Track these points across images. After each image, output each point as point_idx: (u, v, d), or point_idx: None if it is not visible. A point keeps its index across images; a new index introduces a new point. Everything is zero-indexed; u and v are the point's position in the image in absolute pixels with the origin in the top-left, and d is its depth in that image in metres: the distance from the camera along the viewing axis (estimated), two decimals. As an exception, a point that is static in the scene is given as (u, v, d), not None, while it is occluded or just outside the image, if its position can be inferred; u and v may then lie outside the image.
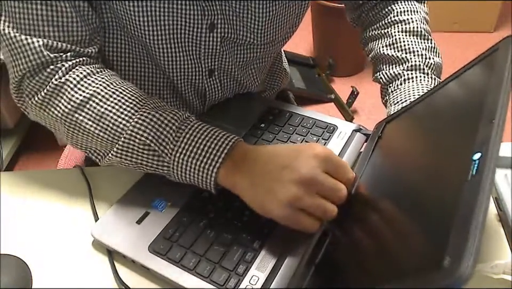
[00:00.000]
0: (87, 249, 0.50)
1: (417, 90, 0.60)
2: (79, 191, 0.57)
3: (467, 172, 0.32)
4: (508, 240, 0.51)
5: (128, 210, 0.52)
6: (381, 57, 0.66)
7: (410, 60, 0.62)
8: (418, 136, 0.48)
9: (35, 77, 0.51)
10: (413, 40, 0.64)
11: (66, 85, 0.50)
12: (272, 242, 0.48)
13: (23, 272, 0.46)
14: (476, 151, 0.33)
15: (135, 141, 0.49)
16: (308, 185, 0.43)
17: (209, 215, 0.51)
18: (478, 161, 0.32)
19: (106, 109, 0.50)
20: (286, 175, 0.44)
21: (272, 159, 0.46)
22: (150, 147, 0.49)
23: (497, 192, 0.53)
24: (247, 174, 0.46)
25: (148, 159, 0.50)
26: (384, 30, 0.67)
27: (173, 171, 0.50)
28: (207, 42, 0.58)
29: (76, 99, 0.50)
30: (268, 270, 0.45)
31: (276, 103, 0.69)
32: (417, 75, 0.61)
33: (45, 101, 0.51)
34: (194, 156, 0.48)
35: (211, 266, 0.45)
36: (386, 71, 0.64)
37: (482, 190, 0.29)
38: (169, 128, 0.49)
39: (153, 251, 0.47)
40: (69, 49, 0.52)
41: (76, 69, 0.51)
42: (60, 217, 0.54)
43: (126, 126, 0.49)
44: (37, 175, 0.60)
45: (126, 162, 0.51)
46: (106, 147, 0.51)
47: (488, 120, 0.35)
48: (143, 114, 0.49)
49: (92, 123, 0.50)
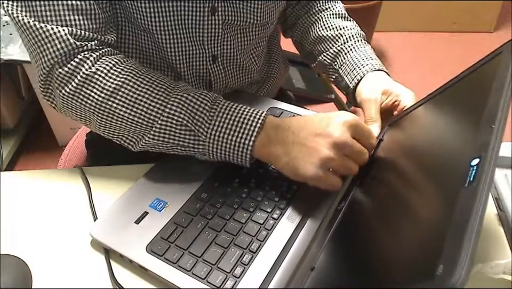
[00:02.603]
0: (86, 248, 0.50)
1: (361, 56, 0.68)
2: (79, 191, 0.57)
3: (464, 178, 0.31)
4: (508, 240, 0.51)
5: (126, 210, 0.52)
6: (319, 39, 0.73)
7: (344, 34, 0.71)
8: (418, 140, 0.48)
9: (64, 68, 0.51)
10: (340, 20, 0.74)
11: (97, 74, 0.52)
12: (269, 245, 0.48)
13: (23, 272, 0.46)
14: (474, 156, 0.33)
15: (172, 123, 0.51)
16: (339, 149, 0.48)
17: (207, 216, 0.51)
18: (476, 167, 0.31)
19: (139, 95, 0.51)
20: (320, 140, 0.48)
21: (304, 127, 0.50)
22: (187, 127, 0.51)
23: (497, 192, 0.53)
24: (281, 143, 0.51)
25: (185, 139, 0.52)
26: (314, 17, 0.75)
27: (209, 149, 0.52)
28: (209, 26, 0.60)
29: (109, 88, 0.51)
30: (265, 272, 0.45)
31: (276, 103, 0.69)
32: (355, 45, 0.70)
33: (77, 91, 0.52)
34: (230, 132, 0.51)
35: (208, 268, 0.45)
36: (328, 51, 0.72)
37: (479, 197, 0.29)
38: (203, 108, 0.52)
39: (151, 252, 0.47)
40: (92, 37, 0.53)
41: (103, 59, 0.53)
42: (59, 217, 0.54)
43: (161, 109, 0.51)
44: (37, 175, 0.60)
45: (162, 145, 0.53)
46: (140, 132, 0.53)
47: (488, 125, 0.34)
48: (176, 97, 0.52)
49: (126, 110, 0.51)
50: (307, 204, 0.53)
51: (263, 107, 0.67)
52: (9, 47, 1.30)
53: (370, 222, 0.44)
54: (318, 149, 0.48)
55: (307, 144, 0.49)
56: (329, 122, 0.49)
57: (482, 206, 0.29)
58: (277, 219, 0.51)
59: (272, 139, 0.51)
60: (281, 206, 0.52)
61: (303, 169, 0.49)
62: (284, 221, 0.51)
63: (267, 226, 0.50)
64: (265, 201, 0.52)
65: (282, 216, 0.51)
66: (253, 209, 0.51)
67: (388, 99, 0.63)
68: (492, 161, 0.31)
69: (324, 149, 0.48)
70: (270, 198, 0.53)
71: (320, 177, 0.49)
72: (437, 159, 0.41)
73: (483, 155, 0.32)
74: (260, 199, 0.52)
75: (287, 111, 0.67)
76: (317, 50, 0.75)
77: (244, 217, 0.50)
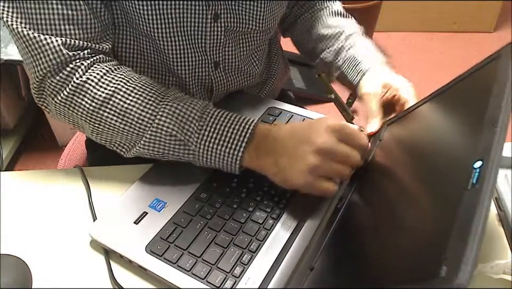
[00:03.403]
0: (85, 249, 0.50)
1: (362, 51, 0.68)
2: (79, 191, 0.57)
3: (467, 180, 0.31)
4: (508, 240, 0.51)
5: (126, 210, 0.52)
6: (319, 38, 0.74)
7: (345, 32, 0.71)
8: (419, 141, 0.48)
9: (56, 77, 0.52)
10: (339, 18, 0.75)
11: (88, 83, 0.52)
12: (268, 245, 0.48)
13: (23, 272, 0.46)
14: (477, 159, 0.32)
15: (161, 133, 0.51)
16: (324, 154, 0.48)
17: (207, 216, 0.51)
18: (479, 170, 0.31)
19: (129, 104, 0.51)
20: (305, 148, 0.48)
21: (290, 137, 0.50)
22: (176, 137, 0.51)
23: (497, 192, 0.53)
24: (269, 153, 0.51)
25: (175, 148, 0.52)
26: (314, 16, 0.76)
27: (199, 158, 0.53)
28: (211, 33, 0.60)
29: (99, 97, 0.51)
30: (264, 271, 0.45)
31: (275, 103, 0.69)
32: (356, 41, 0.70)
33: (68, 100, 0.52)
34: (219, 142, 0.51)
35: (208, 268, 0.45)
36: (330, 48, 0.72)
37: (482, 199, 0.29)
38: (192, 118, 0.52)
39: (150, 252, 0.47)
40: (85, 46, 0.53)
41: (94, 67, 0.53)
42: (59, 217, 0.54)
43: (151, 119, 0.51)
44: (37, 175, 0.60)
45: (152, 153, 0.54)
46: (131, 140, 0.53)
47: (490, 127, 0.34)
48: (165, 107, 0.52)
49: (117, 119, 0.52)
50: (306, 204, 0.52)
51: (262, 107, 0.67)
52: (9, 47, 1.31)
53: (371, 222, 0.44)
54: (304, 156, 0.48)
55: (294, 154, 0.49)
56: (312, 129, 0.49)
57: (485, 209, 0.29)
58: (276, 219, 0.51)
59: (261, 150, 0.51)
60: (280, 206, 0.52)
61: (292, 179, 0.49)
62: (283, 220, 0.51)
63: (266, 226, 0.50)
64: (265, 201, 0.52)
65: (281, 215, 0.51)
66: (252, 209, 0.51)
67: (388, 93, 0.62)
68: (495, 164, 0.31)
69: (309, 156, 0.48)
70: (269, 197, 0.53)
71: (311, 184, 0.49)
72: (438, 160, 0.41)
73: (486, 158, 0.32)
74: (259, 199, 0.52)
75: (286, 111, 0.66)
76: (318, 48, 0.75)
77: (243, 217, 0.50)
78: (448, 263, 0.27)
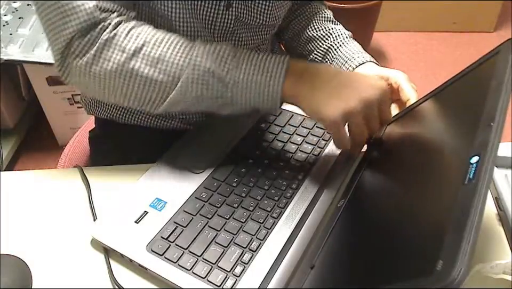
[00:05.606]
0: (85, 248, 0.50)
1: (351, 50, 0.71)
2: (79, 191, 0.57)
3: (464, 175, 0.32)
4: (508, 240, 0.51)
5: (126, 210, 0.52)
6: (309, 39, 0.76)
7: (333, 33, 0.74)
8: (417, 138, 0.48)
9: (85, 37, 0.51)
10: (329, 23, 0.77)
11: (117, 36, 0.51)
12: (269, 244, 0.48)
13: (23, 272, 0.46)
14: (474, 154, 0.33)
15: (198, 73, 0.51)
16: (365, 106, 0.50)
17: (207, 215, 0.51)
18: (476, 165, 0.32)
19: (161, 52, 0.51)
20: (348, 92, 0.50)
21: (334, 76, 0.52)
22: (215, 74, 0.51)
23: (497, 192, 0.53)
24: (308, 84, 0.52)
25: (213, 87, 0.52)
26: (305, 21, 0.78)
27: (237, 95, 0.52)
28: (222, 20, 0.61)
29: (130, 48, 0.51)
30: (265, 270, 0.45)
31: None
32: (344, 41, 0.73)
33: (97, 55, 0.52)
34: (258, 73, 0.51)
35: (208, 267, 0.45)
36: (318, 49, 0.75)
37: (478, 194, 0.29)
38: (227, 55, 0.52)
39: (151, 251, 0.47)
40: (115, 9, 0.53)
41: (122, 24, 0.53)
42: (59, 217, 0.54)
43: (185, 61, 0.51)
44: (37, 175, 0.60)
45: (188, 99, 0.53)
46: (165, 89, 0.52)
47: (487, 123, 0.34)
48: (199, 48, 0.52)
49: (150, 68, 0.51)
50: (306, 203, 0.53)
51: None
52: (9, 47, 1.30)
53: (370, 219, 0.44)
54: (347, 98, 0.50)
55: (336, 93, 0.50)
56: (365, 79, 0.52)
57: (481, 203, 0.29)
58: (276, 218, 0.51)
59: (300, 80, 0.52)
60: (280, 205, 0.52)
61: (327, 112, 0.50)
62: (283, 219, 0.51)
63: (267, 225, 0.50)
64: (265, 200, 0.52)
65: (281, 215, 0.51)
66: (252, 208, 0.51)
67: None
68: (491, 159, 0.31)
69: (352, 100, 0.49)
70: (269, 197, 0.53)
71: (338, 125, 0.50)
72: (436, 157, 0.41)
73: (482, 153, 0.32)
74: (259, 198, 0.53)
75: (286, 111, 0.67)
76: (307, 49, 0.77)
77: (244, 216, 0.50)
78: (444, 257, 0.27)
